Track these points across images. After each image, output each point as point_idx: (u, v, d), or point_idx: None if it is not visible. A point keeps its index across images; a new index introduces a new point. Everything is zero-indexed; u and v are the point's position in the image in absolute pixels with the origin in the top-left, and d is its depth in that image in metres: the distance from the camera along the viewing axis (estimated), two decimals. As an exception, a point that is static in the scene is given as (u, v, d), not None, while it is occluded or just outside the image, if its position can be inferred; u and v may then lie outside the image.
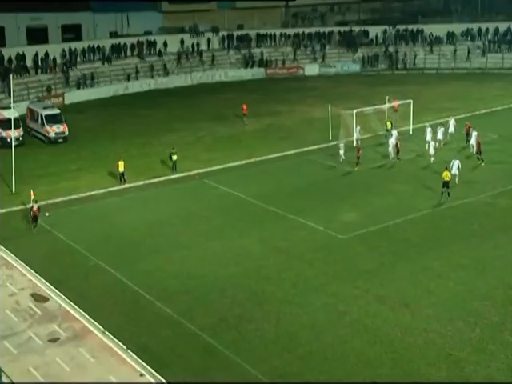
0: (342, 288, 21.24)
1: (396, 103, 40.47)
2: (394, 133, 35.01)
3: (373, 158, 34.80)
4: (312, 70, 62.42)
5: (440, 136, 35.82)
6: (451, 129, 36.76)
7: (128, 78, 54.99)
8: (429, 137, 35.18)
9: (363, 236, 25.27)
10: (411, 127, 39.05)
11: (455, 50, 62.76)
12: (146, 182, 32.58)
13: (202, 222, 27.14)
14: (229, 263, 23.33)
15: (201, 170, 33.81)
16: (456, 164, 30.02)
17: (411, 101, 39.18)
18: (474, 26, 65.41)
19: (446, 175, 28.22)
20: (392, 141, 34.36)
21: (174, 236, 25.85)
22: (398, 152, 33.97)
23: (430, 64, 62.50)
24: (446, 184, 28.22)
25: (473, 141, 34.28)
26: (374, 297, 20.55)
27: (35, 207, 26.39)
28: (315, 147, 37.45)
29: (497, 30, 64.89)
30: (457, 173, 29.91)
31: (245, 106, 43.83)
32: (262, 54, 62.25)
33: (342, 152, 34.15)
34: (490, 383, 16.40)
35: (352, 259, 23.45)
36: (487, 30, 65.09)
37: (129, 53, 57.97)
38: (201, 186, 31.73)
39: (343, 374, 16.95)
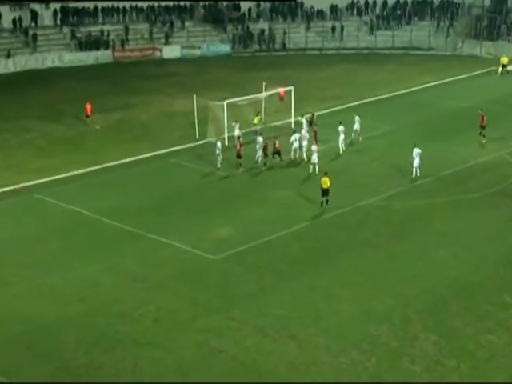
0: (215, 320, 21.53)
1: (282, 90, 41.73)
2: (259, 139, 34.71)
3: (248, 158, 35.42)
4: (171, 51, 62.79)
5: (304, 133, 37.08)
6: (356, 125, 38.36)
7: None
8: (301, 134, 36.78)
9: (240, 255, 25.82)
10: (293, 119, 40.49)
11: (334, 27, 66.07)
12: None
13: (33, 250, 26.35)
14: (70, 300, 22.85)
15: (31, 182, 32.87)
16: (415, 152, 32.39)
17: (292, 88, 40.67)
18: (360, -1, 69.52)
19: (325, 182, 29.37)
20: (260, 140, 34.66)
21: (-5, 270, 24.85)
22: (265, 155, 34.39)
23: (313, 43, 65.40)
24: (325, 192, 29.40)
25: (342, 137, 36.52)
26: (253, 328, 21.04)
27: None
28: (179, 147, 37.80)
29: (385, 4, 69.41)
30: (417, 162, 32.36)
31: (88, 106, 42.41)
32: (106, 32, 61.43)
33: (219, 154, 34.18)
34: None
35: (226, 284, 23.88)
36: (375, 2, 69.44)
37: None
38: (31, 203, 30.89)
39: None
